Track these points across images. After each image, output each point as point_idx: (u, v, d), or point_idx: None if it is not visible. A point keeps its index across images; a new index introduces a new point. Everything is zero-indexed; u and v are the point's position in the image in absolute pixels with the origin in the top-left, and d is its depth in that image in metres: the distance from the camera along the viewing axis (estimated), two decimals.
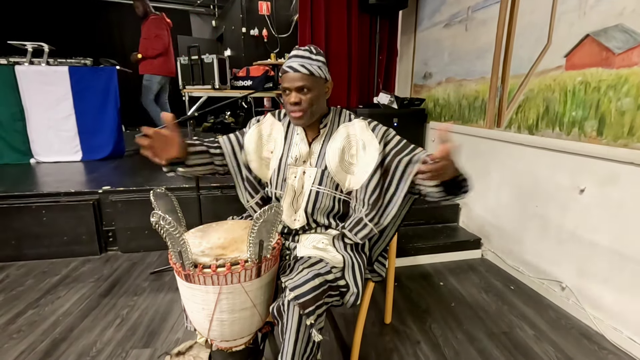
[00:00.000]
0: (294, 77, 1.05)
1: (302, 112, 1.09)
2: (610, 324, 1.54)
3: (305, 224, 1.18)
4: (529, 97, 1.92)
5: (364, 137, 1.14)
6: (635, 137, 1.41)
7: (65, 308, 1.69)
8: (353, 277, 1.09)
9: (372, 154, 1.12)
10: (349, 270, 1.10)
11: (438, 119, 2.86)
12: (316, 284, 0.97)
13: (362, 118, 1.20)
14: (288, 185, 1.17)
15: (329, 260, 1.08)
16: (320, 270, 1.02)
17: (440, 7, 2.75)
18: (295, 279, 0.98)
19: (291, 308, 0.95)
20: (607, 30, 1.50)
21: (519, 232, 2.05)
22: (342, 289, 1.07)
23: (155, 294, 1.82)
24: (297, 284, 0.96)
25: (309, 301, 0.94)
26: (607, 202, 1.54)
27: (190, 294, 0.96)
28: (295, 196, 1.18)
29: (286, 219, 1.19)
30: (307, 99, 1.08)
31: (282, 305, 0.97)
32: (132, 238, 2.29)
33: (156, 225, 0.85)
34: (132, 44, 6.38)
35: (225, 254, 0.94)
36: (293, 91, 1.07)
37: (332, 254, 1.12)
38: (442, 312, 1.72)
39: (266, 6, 5.54)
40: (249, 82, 3.02)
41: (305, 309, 0.93)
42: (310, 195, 1.16)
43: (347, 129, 1.17)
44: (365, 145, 1.13)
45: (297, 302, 0.93)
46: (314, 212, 1.17)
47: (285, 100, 1.11)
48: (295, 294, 0.94)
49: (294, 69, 1.06)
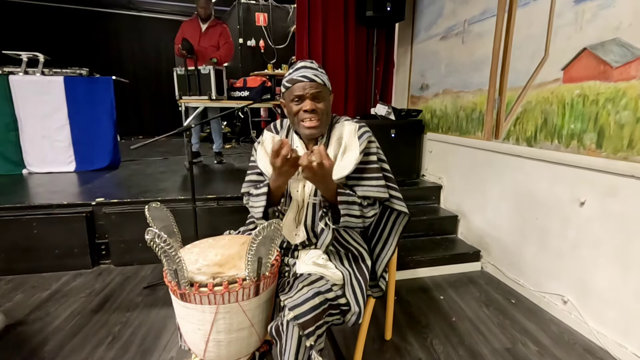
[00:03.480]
0: (309, 85, 1.05)
1: (319, 121, 1.07)
2: (614, 339, 1.51)
3: (305, 239, 1.16)
4: (527, 109, 1.92)
5: (349, 141, 1.12)
6: (635, 150, 1.40)
7: (54, 325, 1.64)
8: (354, 295, 1.06)
9: (349, 161, 1.09)
10: (349, 288, 1.07)
11: (435, 131, 2.86)
12: (316, 302, 0.94)
13: (354, 120, 1.18)
14: (293, 199, 1.15)
15: (329, 278, 1.05)
16: (321, 289, 0.99)
17: (437, 19, 2.78)
18: (294, 297, 0.95)
19: (290, 328, 0.91)
20: (604, 44, 1.51)
21: (519, 244, 2.03)
22: (342, 307, 1.04)
23: (148, 310, 1.77)
24: (297, 303, 0.93)
25: (308, 321, 0.91)
26: (608, 215, 1.53)
27: (186, 313, 0.92)
28: (298, 210, 1.15)
29: (287, 234, 1.16)
30: (322, 107, 1.07)
31: (281, 325, 0.93)
32: (125, 251, 2.24)
33: (151, 243, 0.82)
34: (128, 54, 6.41)
35: (222, 271, 0.91)
36: (308, 99, 1.05)
37: (332, 271, 1.10)
38: (443, 327, 1.68)
39: (263, 17, 5.59)
40: (246, 92, 3.01)
41: (305, 330, 0.90)
42: (309, 209, 1.14)
43: (338, 130, 1.15)
44: (346, 150, 1.11)
45: (297, 323, 0.90)
46: (314, 225, 1.15)
47: (295, 110, 1.08)
48: (294, 313, 0.91)
49: (309, 78, 1.05)
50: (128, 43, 6.41)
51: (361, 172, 1.12)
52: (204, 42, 3.43)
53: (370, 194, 1.10)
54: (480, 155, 2.32)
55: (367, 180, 1.12)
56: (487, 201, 2.28)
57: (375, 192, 1.11)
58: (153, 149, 4.69)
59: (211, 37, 3.48)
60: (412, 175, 2.98)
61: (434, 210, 2.70)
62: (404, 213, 1.23)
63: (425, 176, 3.04)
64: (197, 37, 3.41)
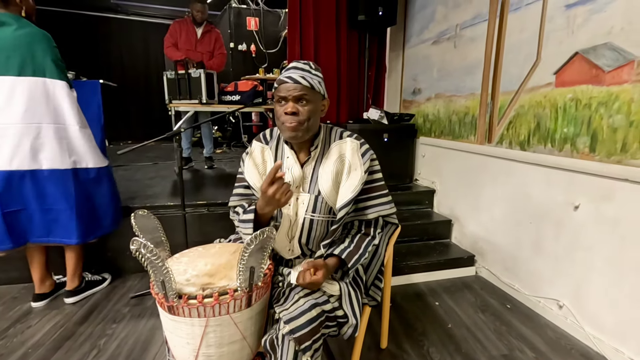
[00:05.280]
0: (293, 87, 0.99)
1: (298, 123, 1.00)
2: (610, 344, 1.50)
3: (299, 254, 1.11)
4: (520, 113, 1.93)
5: (353, 160, 1.08)
6: (628, 153, 1.41)
7: (36, 339, 1.56)
8: (351, 307, 1.02)
9: (355, 181, 1.05)
10: (346, 299, 1.02)
11: (428, 135, 2.86)
12: (313, 315, 0.90)
13: (355, 137, 1.13)
14: (284, 214, 1.09)
15: (326, 289, 1.01)
16: (318, 300, 0.95)
17: (429, 24, 2.79)
18: (290, 310, 0.91)
19: (286, 342, 0.87)
20: (596, 48, 1.51)
21: (513, 248, 2.02)
22: (339, 320, 1.00)
23: (135, 321, 1.70)
24: (293, 315, 0.89)
25: (305, 335, 0.87)
26: (603, 218, 1.52)
27: (174, 327, 0.87)
28: (290, 225, 1.09)
29: (281, 250, 1.11)
30: (305, 111, 1.00)
31: (276, 339, 0.89)
32: (112, 259, 2.16)
33: (137, 253, 0.78)
34: (116, 57, 6.32)
35: (212, 282, 0.87)
36: (290, 101, 1.00)
37: (329, 282, 1.05)
38: (440, 335, 1.65)
39: (254, 21, 5.56)
40: (237, 96, 2.97)
41: (301, 344, 0.86)
42: (304, 224, 1.08)
43: (339, 148, 1.10)
44: (351, 170, 1.07)
45: (293, 337, 0.86)
46: (309, 242, 1.10)
47: (279, 111, 1.02)
48: (290, 327, 0.87)
49: (294, 79, 0.99)
50: (116, 47, 6.31)
51: (368, 192, 1.11)
52: (200, 47, 3.39)
53: (384, 212, 1.11)
54: (473, 160, 2.32)
55: (376, 199, 1.12)
56: (480, 205, 2.27)
57: (388, 209, 1.13)
58: (142, 154, 4.60)
59: (207, 43, 3.44)
60: (405, 180, 2.96)
61: (428, 215, 2.68)
62: (393, 224, 1.24)
63: (418, 180, 3.03)
64: (192, 42, 3.36)
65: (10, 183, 1.60)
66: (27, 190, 1.63)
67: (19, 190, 1.62)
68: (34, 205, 1.66)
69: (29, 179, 1.62)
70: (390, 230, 1.25)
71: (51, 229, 1.72)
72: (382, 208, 1.12)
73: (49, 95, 1.64)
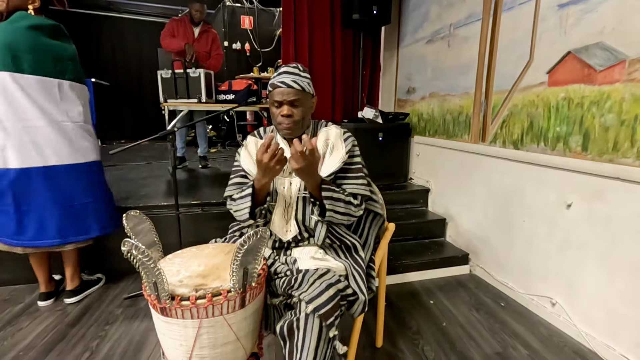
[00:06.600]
0: (287, 92, 1.10)
1: (294, 124, 1.13)
2: (602, 341, 1.52)
3: (297, 233, 1.16)
4: (513, 112, 1.94)
5: (336, 142, 1.20)
6: (620, 152, 1.42)
7: (27, 341, 1.54)
8: (357, 285, 1.09)
9: (336, 159, 1.16)
10: (352, 278, 1.10)
11: (422, 134, 2.86)
12: (332, 293, 0.96)
13: (339, 127, 1.25)
14: (279, 195, 1.17)
15: (335, 270, 1.08)
16: (332, 280, 1.00)
17: (423, 23, 2.79)
18: (309, 291, 0.95)
19: (310, 321, 0.90)
20: (589, 47, 1.52)
21: (507, 247, 2.03)
22: (349, 298, 1.06)
23: (129, 322, 1.69)
24: (314, 295, 0.93)
25: (329, 311, 0.92)
26: (595, 217, 1.54)
27: (167, 328, 0.87)
28: (286, 206, 1.18)
29: (278, 231, 1.17)
30: (298, 112, 1.12)
31: (296, 321, 0.92)
32: (105, 260, 2.14)
33: (128, 255, 0.77)
34: (109, 56, 6.25)
35: (205, 283, 0.86)
36: (285, 104, 1.11)
37: (335, 262, 1.12)
38: (434, 333, 1.66)
39: (248, 20, 5.54)
40: (231, 95, 2.94)
41: (327, 320, 0.91)
42: (298, 203, 1.16)
43: (325, 134, 1.21)
44: (333, 150, 1.18)
45: (318, 314, 0.90)
46: (305, 219, 1.16)
47: (276, 113, 1.14)
48: (314, 305, 0.91)
49: (286, 84, 1.10)
50: (108, 45, 6.24)
51: (346, 172, 1.19)
52: (198, 47, 3.38)
53: (356, 190, 1.16)
54: (467, 158, 2.33)
55: (352, 179, 1.18)
56: (474, 204, 2.29)
57: (362, 189, 1.17)
58: (136, 154, 4.56)
59: (205, 43, 3.44)
60: (400, 179, 2.97)
61: (422, 214, 2.69)
62: (379, 215, 1.34)
63: (412, 179, 3.03)
64: (190, 41, 3.35)
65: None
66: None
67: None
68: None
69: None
70: (378, 222, 1.36)
71: (73, 226, 1.75)
72: (356, 187, 1.17)
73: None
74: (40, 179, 1.63)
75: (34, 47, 1.57)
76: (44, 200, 1.66)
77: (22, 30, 1.55)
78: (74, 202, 1.73)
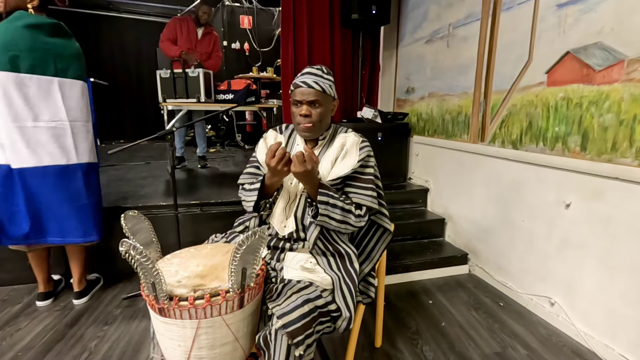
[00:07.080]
0: (307, 92, 1.11)
1: (312, 124, 1.14)
2: (601, 341, 1.52)
3: (294, 230, 1.15)
4: (512, 112, 1.94)
5: (350, 149, 1.19)
6: (618, 152, 1.42)
7: (26, 341, 1.54)
8: (344, 300, 1.05)
9: (346, 165, 1.15)
10: (339, 293, 1.06)
11: (422, 134, 2.86)
12: (305, 311, 0.92)
13: (359, 135, 1.24)
14: (284, 190, 1.18)
15: (318, 283, 1.04)
16: (310, 296, 0.96)
17: (422, 23, 2.79)
18: (283, 305, 0.92)
19: (279, 337, 0.88)
20: (587, 47, 1.53)
21: (506, 247, 2.03)
22: (333, 314, 1.02)
23: (127, 322, 1.69)
24: (285, 311, 0.90)
25: (297, 330, 0.88)
26: (594, 217, 1.54)
27: (165, 329, 0.86)
28: (289, 202, 1.18)
29: (276, 225, 1.17)
30: (317, 113, 1.13)
31: (269, 335, 0.90)
32: (104, 260, 2.13)
33: (126, 255, 0.76)
34: (108, 56, 6.24)
35: (204, 283, 0.86)
36: (305, 104, 1.13)
37: (322, 275, 1.08)
38: (433, 333, 1.66)
39: (248, 20, 5.53)
40: (230, 95, 2.94)
41: (293, 339, 0.87)
42: (301, 200, 1.16)
43: (342, 139, 1.22)
44: (346, 156, 1.18)
45: (285, 331, 0.87)
46: (304, 217, 1.15)
47: (295, 112, 1.16)
48: (283, 322, 0.88)
49: (308, 84, 1.11)
50: (107, 44, 6.22)
51: (356, 180, 1.17)
52: (200, 48, 3.39)
53: (361, 201, 1.13)
54: (466, 158, 2.33)
55: (360, 189, 1.15)
56: (473, 204, 2.29)
57: (368, 201, 1.14)
58: (135, 154, 4.55)
59: (206, 45, 3.45)
60: (399, 179, 2.97)
61: (421, 214, 2.69)
62: (388, 231, 1.28)
63: (412, 179, 3.03)
64: (193, 42, 3.36)
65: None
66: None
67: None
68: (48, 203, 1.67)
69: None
70: (387, 239, 1.29)
71: (67, 228, 1.73)
72: (363, 197, 1.14)
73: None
74: (35, 179, 1.62)
75: (33, 46, 1.56)
76: (39, 200, 1.64)
77: (20, 29, 1.54)
78: (68, 204, 1.71)
